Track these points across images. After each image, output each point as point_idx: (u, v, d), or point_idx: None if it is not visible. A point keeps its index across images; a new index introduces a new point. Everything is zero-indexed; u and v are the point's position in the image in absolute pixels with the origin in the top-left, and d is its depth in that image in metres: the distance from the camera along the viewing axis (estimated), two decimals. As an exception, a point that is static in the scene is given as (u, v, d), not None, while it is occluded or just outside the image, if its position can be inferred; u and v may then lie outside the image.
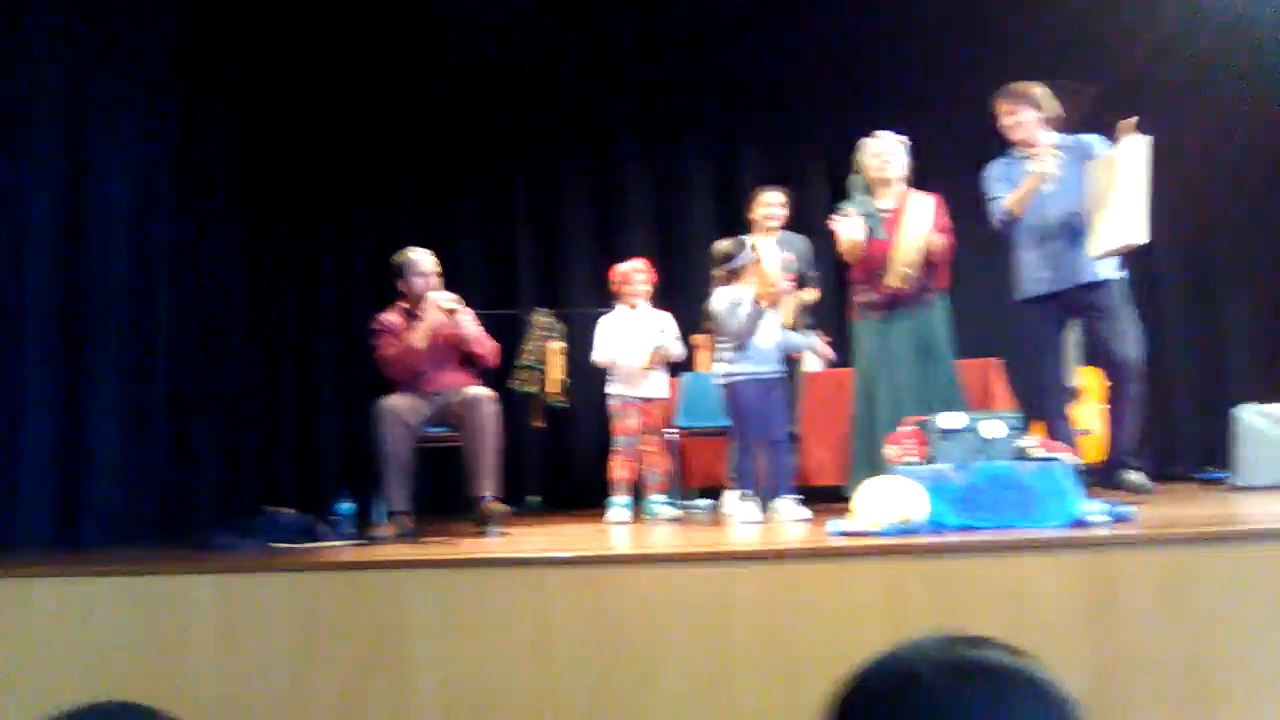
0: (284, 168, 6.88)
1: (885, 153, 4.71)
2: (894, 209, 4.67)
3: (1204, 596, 2.68)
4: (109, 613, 3.18)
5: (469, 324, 4.80)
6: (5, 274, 4.52)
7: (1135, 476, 4.31)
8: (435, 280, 4.83)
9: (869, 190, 4.79)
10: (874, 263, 4.63)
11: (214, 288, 6.03)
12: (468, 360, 4.85)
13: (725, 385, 4.53)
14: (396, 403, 4.55)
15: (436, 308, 4.67)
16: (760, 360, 4.47)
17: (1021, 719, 0.77)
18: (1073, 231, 4.41)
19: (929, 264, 4.58)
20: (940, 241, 4.57)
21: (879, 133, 4.77)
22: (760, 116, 7.03)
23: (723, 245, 4.64)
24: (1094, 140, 4.50)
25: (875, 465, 3.94)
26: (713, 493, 5.93)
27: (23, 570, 3.33)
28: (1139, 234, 4.08)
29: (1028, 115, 4.54)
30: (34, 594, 3.22)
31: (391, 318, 4.84)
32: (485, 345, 4.86)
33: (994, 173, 4.67)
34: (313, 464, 6.77)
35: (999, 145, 4.71)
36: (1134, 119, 4.17)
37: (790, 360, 4.79)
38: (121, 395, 5.09)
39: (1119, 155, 4.16)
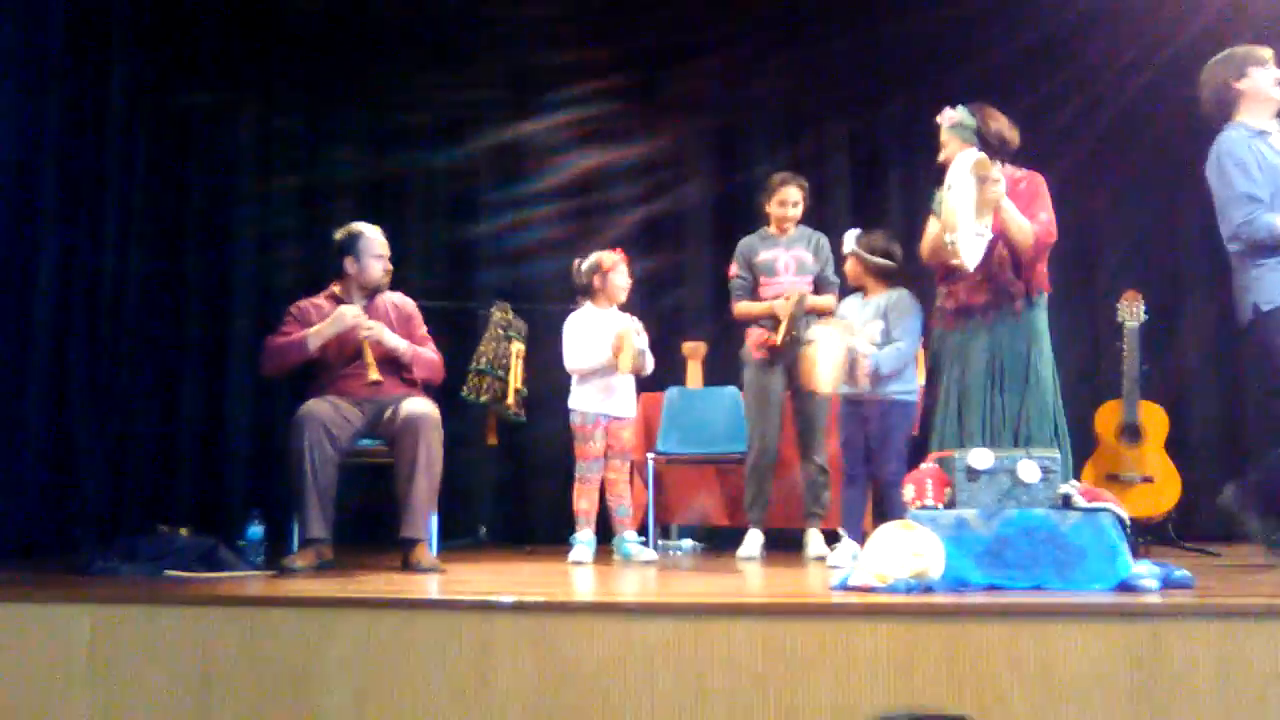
0: (198, 125, 6.81)
1: (942, 137, 4.47)
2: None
3: (1269, 677, 2.70)
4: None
5: (399, 343, 4.69)
6: None
7: None
8: (387, 266, 4.82)
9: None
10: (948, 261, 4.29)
11: (108, 261, 6.00)
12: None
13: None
14: (320, 410, 4.42)
15: (359, 327, 4.58)
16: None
17: None
18: None
19: (1015, 263, 4.30)
20: (1025, 231, 4.23)
21: (947, 110, 4.48)
22: (766, 89, 7.04)
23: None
24: None
25: None
26: (697, 532, 5.94)
27: None
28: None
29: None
30: None
31: (319, 303, 4.75)
32: (425, 367, 4.78)
33: None
34: (218, 478, 6.70)
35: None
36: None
37: None
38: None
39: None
